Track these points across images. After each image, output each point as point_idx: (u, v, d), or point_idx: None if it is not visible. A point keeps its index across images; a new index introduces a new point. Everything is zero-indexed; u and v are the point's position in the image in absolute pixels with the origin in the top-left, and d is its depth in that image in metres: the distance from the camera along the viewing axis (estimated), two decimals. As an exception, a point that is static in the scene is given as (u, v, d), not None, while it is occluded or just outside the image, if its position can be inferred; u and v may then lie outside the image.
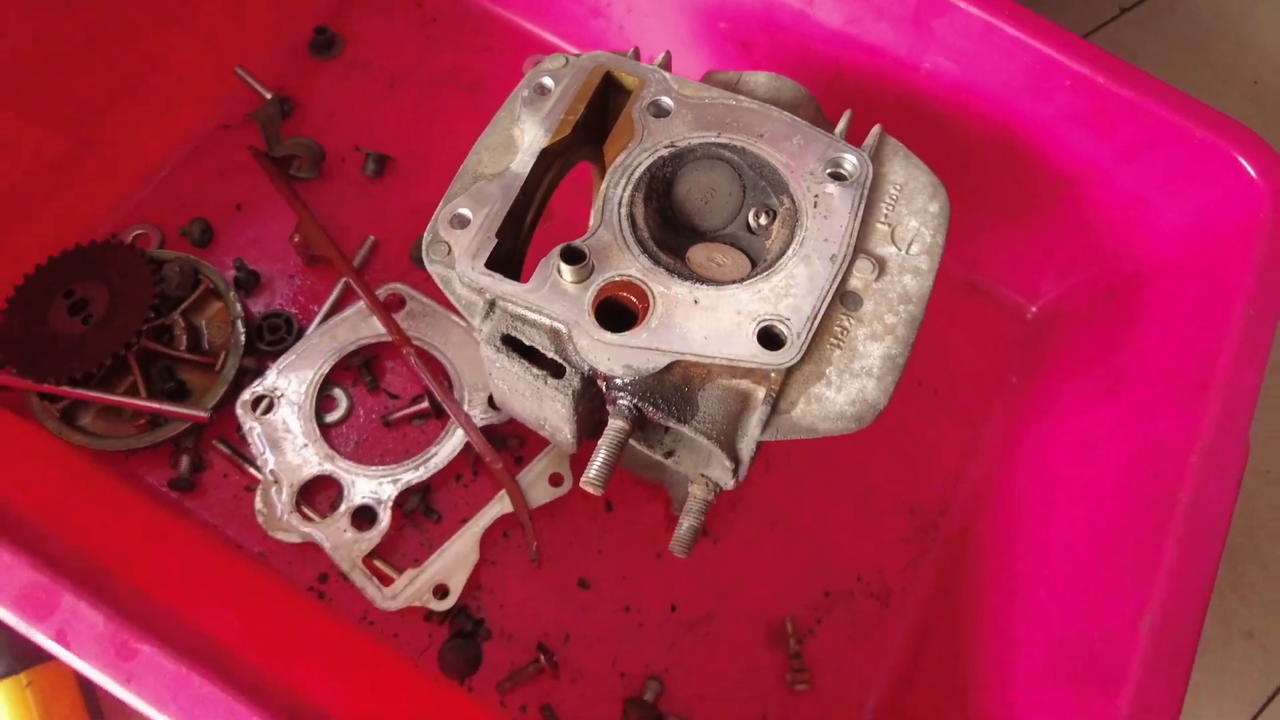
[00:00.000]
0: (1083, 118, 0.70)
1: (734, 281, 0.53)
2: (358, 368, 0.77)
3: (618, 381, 0.51)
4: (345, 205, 0.83)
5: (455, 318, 0.77)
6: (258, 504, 0.71)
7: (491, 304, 0.53)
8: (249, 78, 0.84)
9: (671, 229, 0.59)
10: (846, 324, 0.53)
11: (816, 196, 0.55)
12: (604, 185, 0.56)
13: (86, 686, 0.68)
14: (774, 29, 0.78)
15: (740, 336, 0.51)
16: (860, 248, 0.54)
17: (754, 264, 0.57)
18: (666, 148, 0.57)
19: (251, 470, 0.73)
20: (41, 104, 0.75)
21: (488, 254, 0.53)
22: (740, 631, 0.73)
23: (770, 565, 0.75)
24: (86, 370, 0.70)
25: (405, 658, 0.70)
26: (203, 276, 0.77)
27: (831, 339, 0.53)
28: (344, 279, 0.78)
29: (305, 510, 0.71)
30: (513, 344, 0.53)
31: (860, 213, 0.54)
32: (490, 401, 0.75)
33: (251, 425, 0.72)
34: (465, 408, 0.74)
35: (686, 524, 0.55)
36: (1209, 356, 0.61)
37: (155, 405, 0.72)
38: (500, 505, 0.72)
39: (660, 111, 0.58)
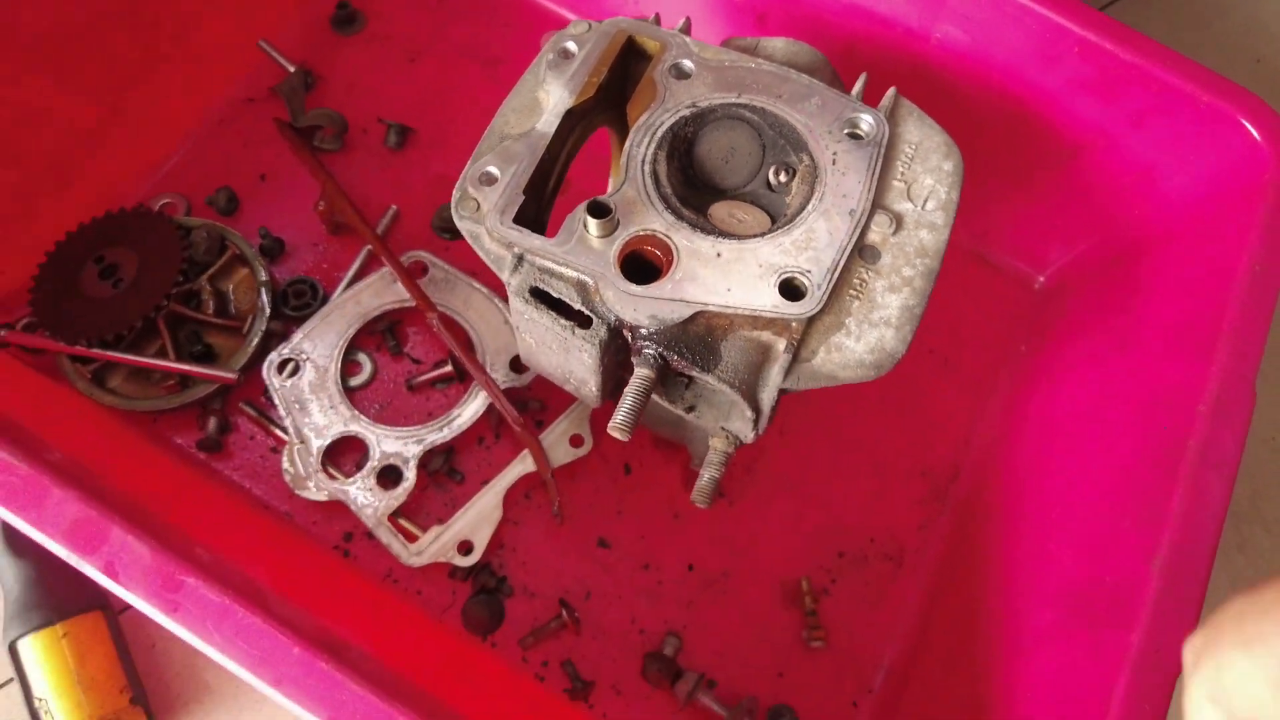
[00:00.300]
0: (1090, 85, 0.72)
1: (755, 236, 0.55)
2: (381, 333, 0.79)
3: (643, 331, 0.53)
4: (368, 176, 0.85)
5: (477, 285, 0.79)
6: (284, 463, 0.72)
7: (520, 258, 0.54)
8: (273, 51, 0.86)
9: (693, 187, 0.61)
10: (865, 276, 0.54)
11: (835, 154, 0.57)
12: (627, 144, 0.57)
13: (119, 637, 0.70)
14: (788, 1, 0.80)
15: (762, 288, 0.53)
16: (878, 203, 0.56)
17: (774, 221, 0.58)
18: (688, 108, 0.58)
19: (277, 431, 0.75)
20: (75, 71, 0.77)
21: (515, 210, 0.54)
22: (756, 591, 0.74)
23: (785, 527, 0.77)
24: (117, 333, 0.72)
25: (429, 614, 0.71)
26: (229, 243, 0.78)
27: (851, 290, 0.54)
28: (367, 246, 0.80)
29: (331, 470, 0.73)
30: (541, 296, 0.54)
31: (877, 170, 0.56)
32: (512, 365, 0.76)
33: (278, 387, 0.74)
34: (488, 370, 0.75)
35: (707, 475, 0.57)
36: (1216, 312, 0.63)
37: (184, 367, 0.73)
38: (522, 465, 0.74)
39: (681, 74, 0.59)
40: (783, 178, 0.59)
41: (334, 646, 0.50)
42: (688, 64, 0.59)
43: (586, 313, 0.53)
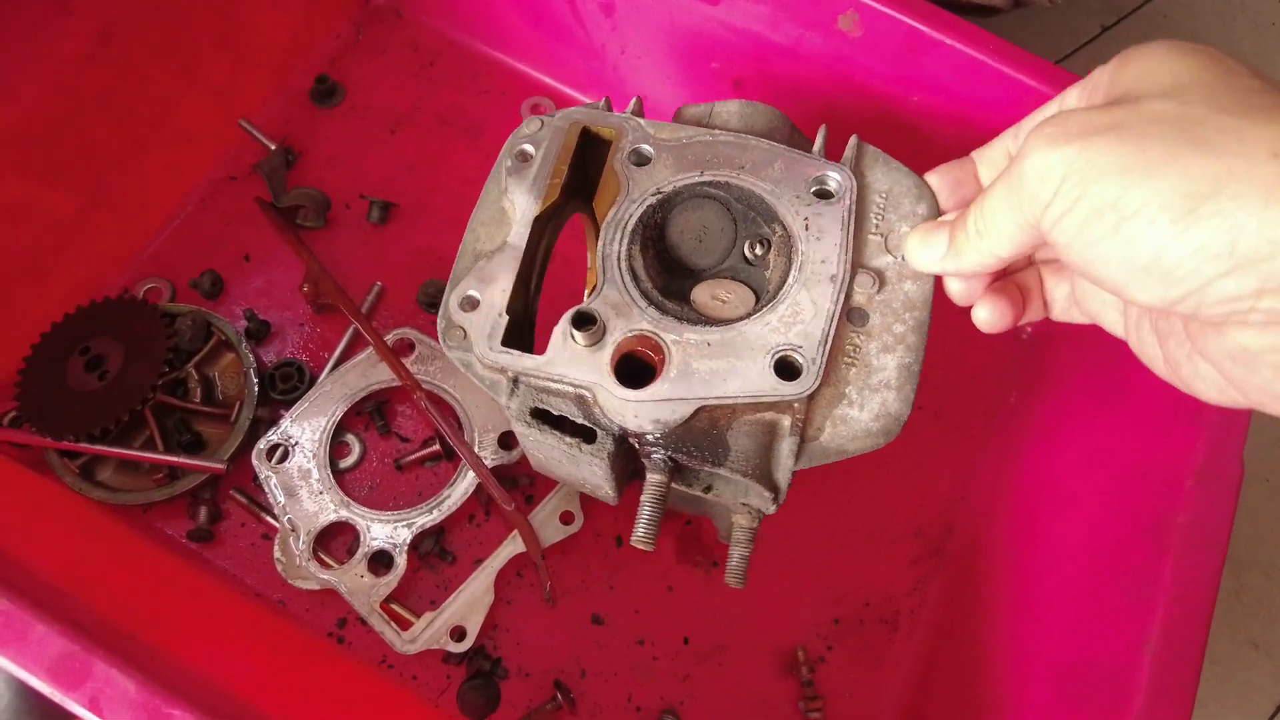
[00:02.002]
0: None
1: (742, 318, 0.54)
2: (369, 413, 0.79)
3: (649, 437, 0.52)
4: (352, 252, 0.85)
5: (462, 360, 0.79)
6: (276, 553, 0.72)
7: (515, 380, 0.54)
8: (253, 129, 0.86)
9: (672, 272, 0.60)
10: (857, 341, 0.54)
11: (806, 219, 0.56)
12: (600, 243, 0.57)
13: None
14: (764, 66, 0.80)
15: (758, 371, 0.52)
16: (857, 263, 0.55)
17: (757, 295, 0.58)
18: (654, 195, 0.57)
19: (269, 519, 0.75)
20: (52, 165, 0.77)
21: (502, 332, 0.54)
22: (752, 661, 0.74)
23: (779, 595, 0.76)
24: (104, 426, 0.71)
25: (425, 699, 0.71)
26: (214, 328, 0.78)
27: (845, 358, 0.53)
28: (353, 325, 0.80)
29: (323, 557, 0.73)
30: (542, 416, 0.54)
31: (851, 228, 0.55)
32: (501, 441, 0.76)
33: (267, 474, 0.74)
34: (476, 449, 0.75)
35: (738, 555, 0.56)
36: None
37: (172, 459, 0.73)
38: (513, 545, 0.73)
39: (641, 159, 0.59)
40: (759, 251, 0.59)
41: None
42: (646, 149, 0.58)
43: (590, 426, 0.53)
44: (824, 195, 0.56)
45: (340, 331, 0.81)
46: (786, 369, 0.52)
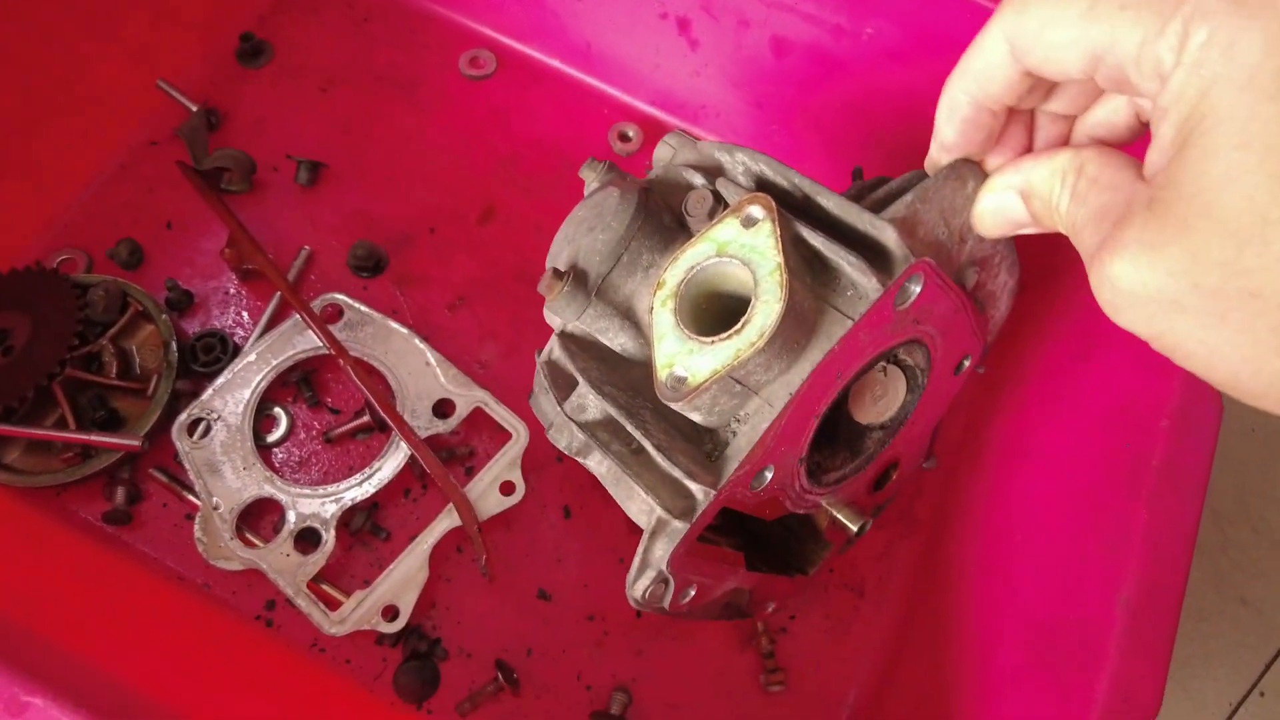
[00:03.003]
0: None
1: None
2: (297, 384, 0.74)
3: None
4: (280, 216, 0.80)
5: (396, 325, 0.74)
6: (197, 532, 0.68)
7: None
8: (172, 90, 0.81)
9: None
10: None
11: None
12: None
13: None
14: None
15: None
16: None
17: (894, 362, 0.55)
18: None
19: (190, 497, 0.70)
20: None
21: None
22: (710, 635, 0.70)
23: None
24: (8, 405, 0.67)
25: (359, 684, 0.67)
26: (131, 299, 0.73)
27: None
28: (279, 292, 0.75)
29: (248, 536, 0.68)
30: None
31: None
32: (436, 410, 0.72)
33: (188, 450, 0.69)
34: (409, 418, 0.71)
35: None
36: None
37: (84, 437, 0.68)
38: (450, 519, 0.69)
39: None
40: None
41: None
42: None
43: None
44: None
45: (266, 300, 0.76)
46: None
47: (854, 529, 0.59)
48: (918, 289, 0.48)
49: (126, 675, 0.52)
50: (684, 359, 0.46)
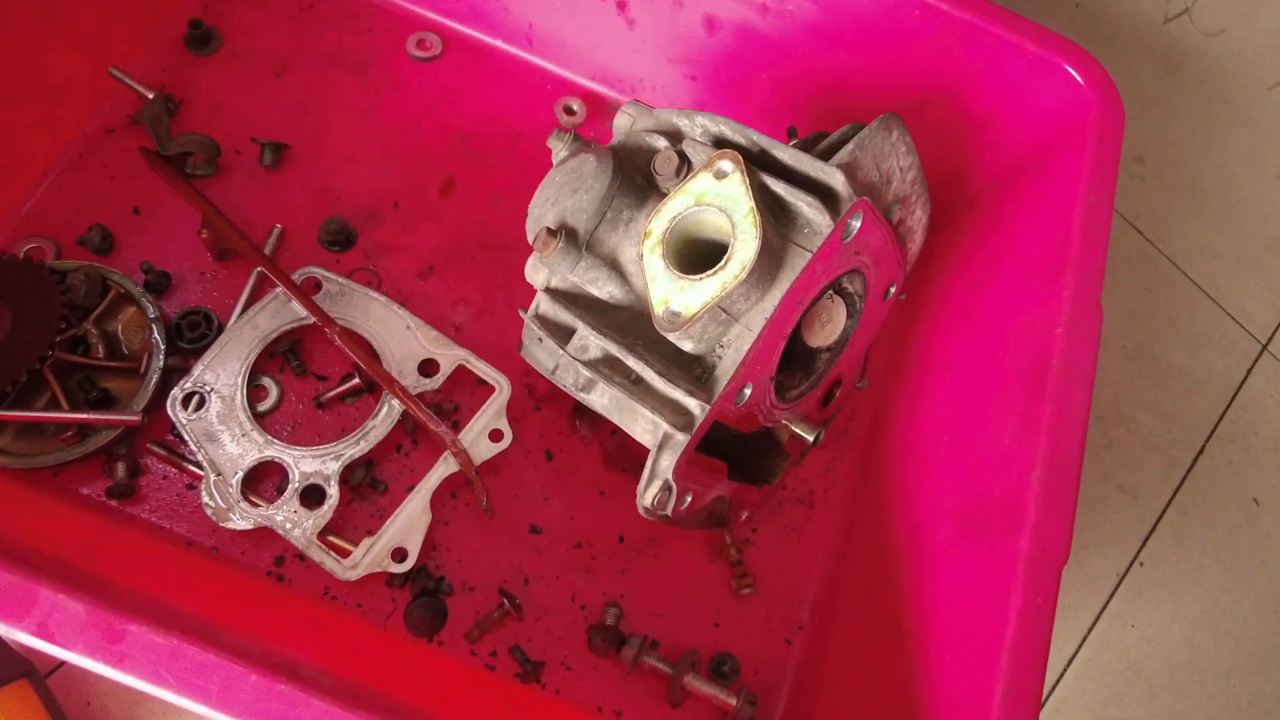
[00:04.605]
0: (931, 43, 0.78)
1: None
2: (283, 354, 0.78)
3: None
4: (247, 197, 0.84)
5: (374, 294, 0.79)
6: (204, 497, 0.72)
7: None
8: (126, 78, 0.83)
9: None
10: None
11: None
12: None
13: (50, 702, 0.68)
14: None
15: None
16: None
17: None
18: None
19: (191, 467, 0.74)
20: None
21: None
22: (685, 550, 0.79)
23: (705, 487, 0.81)
24: (1, 389, 0.69)
25: (372, 625, 0.72)
26: (111, 282, 0.76)
27: None
28: (257, 269, 0.79)
29: (253, 498, 0.73)
30: None
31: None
32: (420, 369, 0.77)
33: (186, 422, 0.73)
34: (398, 379, 0.76)
35: None
36: (1061, 242, 0.70)
37: (80, 416, 0.71)
38: (445, 467, 0.75)
39: None
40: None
41: (288, 668, 0.51)
42: None
43: None
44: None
45: (243, 277, 0.80)
46: None
47: (810, 439, 0.68)
48: (858, 224, 0.58)
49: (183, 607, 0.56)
50: (676, 295, 0.54)
